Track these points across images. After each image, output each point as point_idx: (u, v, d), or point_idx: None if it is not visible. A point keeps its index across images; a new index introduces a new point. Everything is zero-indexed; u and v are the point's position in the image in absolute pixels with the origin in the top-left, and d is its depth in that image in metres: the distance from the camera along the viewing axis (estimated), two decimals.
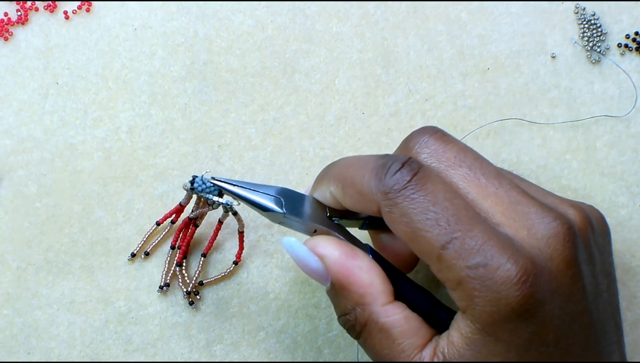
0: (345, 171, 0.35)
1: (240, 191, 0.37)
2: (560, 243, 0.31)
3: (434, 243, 0.31)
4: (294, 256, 0.36)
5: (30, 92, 0.47)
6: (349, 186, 0.34)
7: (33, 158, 0.46)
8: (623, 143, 0.47)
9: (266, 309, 0.44)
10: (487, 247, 0.30)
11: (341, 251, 0.35)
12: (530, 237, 0.31)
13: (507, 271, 0.30)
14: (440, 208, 0.31)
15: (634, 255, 0.46)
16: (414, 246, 0.32)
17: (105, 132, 0.47)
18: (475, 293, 0.30)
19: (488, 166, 0.34)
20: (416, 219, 0.31)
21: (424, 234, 0.31)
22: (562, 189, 0.47)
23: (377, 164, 0.33)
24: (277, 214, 0.37)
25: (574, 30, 0.49)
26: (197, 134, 0.47)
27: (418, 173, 0.32)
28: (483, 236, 0.31)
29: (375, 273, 0.34)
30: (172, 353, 0.43)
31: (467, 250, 0.30)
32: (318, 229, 0.37)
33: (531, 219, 0.32)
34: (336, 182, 0.36)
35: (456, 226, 0.31)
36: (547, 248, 0.31)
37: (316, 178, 0.38)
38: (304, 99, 0.48)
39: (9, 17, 0.49)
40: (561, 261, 0.31)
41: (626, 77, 0.48)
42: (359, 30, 0.49)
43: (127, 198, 0.46)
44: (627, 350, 0.44)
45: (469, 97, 0.48)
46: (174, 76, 0.48)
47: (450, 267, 0.31)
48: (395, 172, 0.32)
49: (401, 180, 0.32)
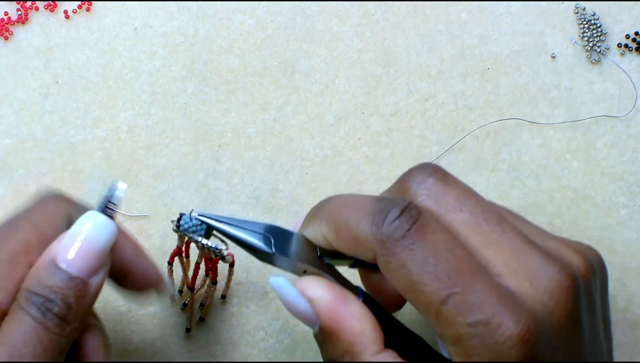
0: (340, 214, 0.33)
1: (227, 228, 0.35)
2: (563, 296, 0.30)
3: (433, 298, 0.29)
4: (282, 297, 0.34)
5: (31, 92, 0.47)
6: (344, 230, 0.32)
7: (33, 157, 0.46)
8: (623, 143, 0.47)
9: (265, 309, 0.44)
10: (488, 303, 0.29)
11: (332, 295, 0.33)
12: (533, 290, 0.30)
13: (508, 330, 0.29)
14: (441, 260, 0.30)
15: (633, 255, 0.46)
16: (411, 298, 0.30)
17: (105, 131, 0.47)
18: (474, 351, 0.29)
19: (490, 211, 0.32)
20: (415, 272, 0.30)
21: (422, 287, 0.30)
22: (562, 189, 0.47)
23: (375, 209, 0.31)
24: (265, 254, 0.35)
25: (574, 30, 0.49)
26: (197, 134, 0.47)
27: (418, 220, 0.30)
28: (484, 292, 0.29)
29: (366, 319, 0.33)
30: (172, 353, 0.43)
31: (467, 306, 0.29)
32: (308, 269, 0.35)
33: (534, 270, 0.31)
34: (329, 224, 0.33)
35: (457, 280, 0.29)
36: (550, 301, 0.30)
37: (307, 216, 0.36)
38: (304, 99, 0.48)
39: (9, 16, 0.49)
40: (563, 316, 0.30)
41: (626, 77, 0.48)
42: (359, 30, 0.49)
43: (127, 198, 0.46)
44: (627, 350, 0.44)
45: (469, 97, 0.48)
46: (174, 75, 0.48)
47: (449, 323, 0.29)
48: (394, 219, 0.30)
49: (400, 229, 0.30)
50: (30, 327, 0.31)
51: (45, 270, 0.32)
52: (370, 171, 0.47)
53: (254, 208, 0.46)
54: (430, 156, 0.47)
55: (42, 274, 0.32)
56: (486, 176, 0.47)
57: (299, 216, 0.46)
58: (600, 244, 0.46)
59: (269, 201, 0.46)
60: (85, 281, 0.33)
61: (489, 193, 0.47)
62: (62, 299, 0.32)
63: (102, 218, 0.34)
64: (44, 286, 0.32)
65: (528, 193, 0.47)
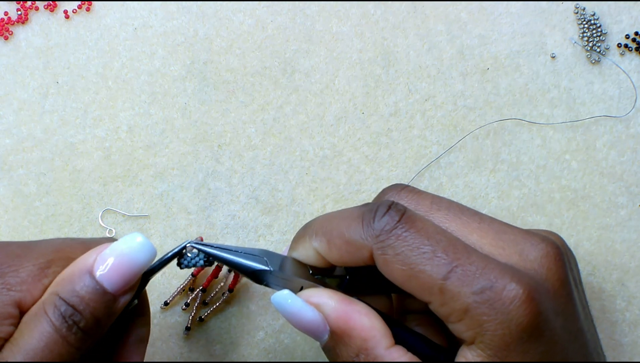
0: (329, 224, 0.34)
1: (224, 254, 0.36)
2: (552, 262, 0.32)
3: (434, 276, 0.30)
4: (288, 310, 0.34)
5: (31, 92, 0.47)
6: (336, 237, 0.33)
7: (33, 157, 0.46)
8: (623, 143, 0.47)
9: (265, 309, 0.44)
10: (488, 271, 0.30)
11: (337, 298, 0.34)
12: (523, 260, 0.32)
13: (513, 291, 0.30)
14: (435, 241, 0.31)
15: (633, 256, 0.46)
16: (412, 284, 0.31)
17: (105, 131, 0.47)
18: (485, 318, 0.30)
19: (465, 207, 0.35)
20: (412, 256, 0.31)
21: (422, 268, 0.31)
22: (562, 189, 0.47)
23: (363, 211, 0.33)
24: (263, 273, 0.35)
25: (573, 31, 0.49)
26: (197, 134, 0.47)
27: (405, 212, 0.32)
28: (482, 261, 0.30)
29: (374, 315, 0.33)
30: (172, 353, 0.43)
31: (469, 276, 0.30)
32: (305, 285, 0.35)
33: (520, 243, 0.32)
34: (320, 236, 0.34)
35: (454, 255, 0.31)
36: (542, 268, 0.31)
37: (294, 238, 0.37)
38: (303, 99, 0.48)
39: (9, 16, 0.49)
40: (556, 281, 0.32)
41: (626, 78, 0.48)
42: (358, 30, 0.49)
43: (127, 198, 0.46)
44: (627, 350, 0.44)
45: (468, 97, 0.48)
46: (173, 75, 0.48)
47: (454, 297, 0.30)
48: (383, 215, 0.32)
49: (391, 221, 0.32)
50: (52, 339, 0.30)
51: (79, 278, 0.32)
52: (370, 171, 0.47)
53: (253, 208, 0.46)
54: (430, 156, 0.47)
55: (76, 281, 0.31)
56: (486, 176, 0.47)
57: (298, 216, 0.46)
58: (599, 244, 0.46)
59: (268, 201, 0.46)
60: (117, 297, 0.32)
61: (489, 193, 0.47)
62: (90, 312, 0.31)
63: (144, 240, 0.33)
64: (76, 294, 0.31)
65: (528, 193, 0.47)
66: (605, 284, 0.45)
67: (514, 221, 0.46)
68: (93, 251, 0.32)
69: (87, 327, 0.31)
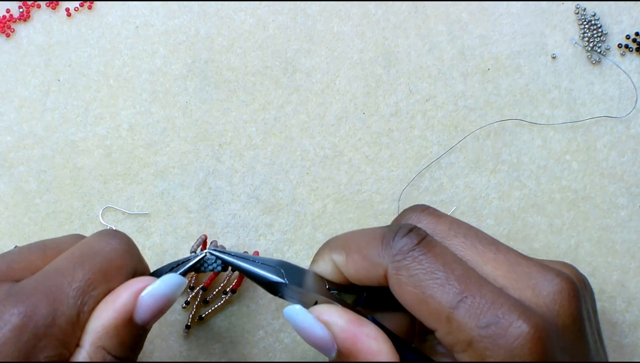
0: (350, 239, 0.35)
1: (242, 263, 0.36)
2: (565, 298, 0.31)
3: (444, 303, 0.31)
4: (299, 325, 0.34)
5: (32, 89, 0.48)
6: (355, 251, 0.34)
7: (34, 154, 0.46)
8: (623, 144, 0.47)
9: (265, 308, 0.44)
10: (497, 306, 0.30)
11: (347, 318, 0.34)
12: (536, 296, 0.31)
13: (519, 329, 0.29)
14: (450, 269, 0.31)
15: (633, 257, 0.46)
16: (421, 309, 0.31)
17: (106, 129, 0.47)
18: (487, 353, 0.30)
19: (483, 234, 0.34)
20: (424, 279, 0.31)
21: (432, 294, 0.31)
22: (563, 190, 0.47)
23: (384, 231, 0.33)
24: (278, 285, 0.35)
25: (574, 31, 0.50)
26: (197, 133, 0.47)
27: (425, 237, 0.33)
28: (493, 295, 0.30)
29: (382, 340, 0.33)
30: (171, 351, 0.43)
31: (478, 309, 0.30)
32: (319, 300, 0.35)
33: (534, 278, 0.32)
34: (340, 250, 0.35)
35: (466, 285, 0.31)
36: (554, 305, 0.31)
37: (317, 252, 0.37)
38: (304, 99, 0.48)
39: (11, 13, 0.49)
40: (568, 317, 0.31)
41: (626, 78, 0.48)
42: (359, 30, 0.49)
43: (127, 196, 0.46)
44: (627, 351, 0.44)
45: (469, 98, 0.48)
46: (175, 74, 0.48)
47: (460, 327, 0.30)
48: (403, 236, 0.33)
49: (409, 243, 0.32)
50: None
51: (124, 329, 0.32)
52: (371, 171, 0.47)
53: (254, 207, 0.46)
54: (431, 156, 0.47)
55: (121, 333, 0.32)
56: (486, 177, 0.47)
57: (299, 215, 0.46)
58: (600, 245, 0.46)
59: (269, 200, 0.46)
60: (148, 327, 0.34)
61: (489, 193, 0.47)
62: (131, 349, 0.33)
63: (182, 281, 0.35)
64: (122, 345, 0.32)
65: (528, 194, 0.47)
66: (606, 285, 0.45)
67: (514, 221, 0.46)
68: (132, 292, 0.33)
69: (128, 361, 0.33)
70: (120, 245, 0.35)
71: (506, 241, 0.46)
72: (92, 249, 0.34)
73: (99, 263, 0.33)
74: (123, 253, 0.34)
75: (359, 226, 0.46)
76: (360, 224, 0.46)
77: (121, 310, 0.32)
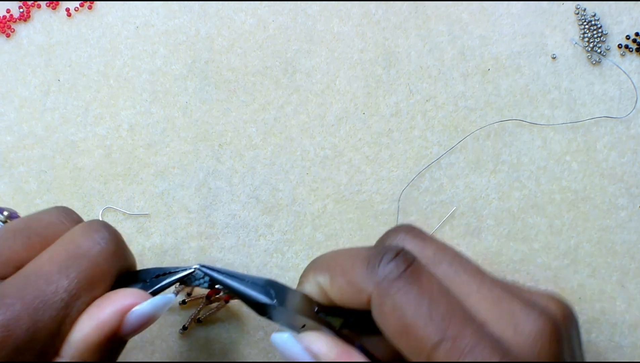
0: (335, 260, 0.34)
1: (230, 281, 0.35)
2: (547, 340, 0.31)
3: (425, 341, 0.30)
4: (287, 354, 0.34)
5: (32, 89, 0.48)
6: (339, 274, 0.33)
7: (34, 154, 0.46)
8: (623, 144, 0.47)
9: None
10: (478, 349, 0.29)
11: (337, 351, 0.33)
12: (517, 335, 0.31)
13: None
14: (435, 304, 0.30)
15: (633, 257, 0.46)
16: (402, 342, 0.31)
17: (106, 129, 0.47)
18: None
19: (468, 263, 0.33)
20: (408, 313, 0.30)
21: (416, 330, 0.30)
22: (563, 190, 0.47)
23: (370, 253, 0.32)
24: (267, 306, 0.34)
25: (574, 31, 0.50)
26: (197, 133, 0.47)
27: (413, 263, 0.31)
28: (475, 338, 0.30)
29: None
30: (171, 351, 0.43)
31: (459, 350, 0.29)
32: (307, 324, 0.34)
33: (516, 316, 0.31)
34: (324, 271, 0.34)
35: (449, 323, 0.30)
36: (534, 346, 0.31)
37: (302, 272, 0.36)
38: (304, 99, 0.48)
39: (11, 13, 0.49)
40: (548, 359, 0.31)
41: (626, 78, 0.48)
42: (360, 30, 0.49)
43: (127, 196, 0.46)
44: (627, 352, 0.44)
45: (469, 98, 0.48)
46: (175, 74, 0.48)
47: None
48: (390, 261, 0.31)
49: (396, 270, 0.31)
50: None
51: (105, 343, 0.32)
52: (371, 171, 0.47)
53: (254, 207, 0.46)
54: (431, 156, 0.47)
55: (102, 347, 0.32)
56: (486, 177, 0.47)
57: (299, 216, 0.46)
58: (599, 245, 0.46)
59: (269, 200, 0.46)
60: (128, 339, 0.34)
61: (489, 193, 0.47)
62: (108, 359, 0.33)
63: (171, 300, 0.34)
64: (101, 356, 0.32)
65: (528, 194, 0.47)
66: (605, 285, 0.45)
67: (514, 222, 0.46)
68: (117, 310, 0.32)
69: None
70: (107, 244, 0.33)
71: (506, 242, 0.46)
72: (78, 250, 0.32)
73: (85, 270, 0.32)
74: (110, 256, 0.33)
75: (359, 226, 0.46)
76: (360, 225, 0.46)
77: (104, 327, 0.32)
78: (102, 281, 0.33)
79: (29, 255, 0.33)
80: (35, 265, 0.32)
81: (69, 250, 0.32)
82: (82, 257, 0.32)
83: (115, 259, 0.34)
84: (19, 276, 0.31)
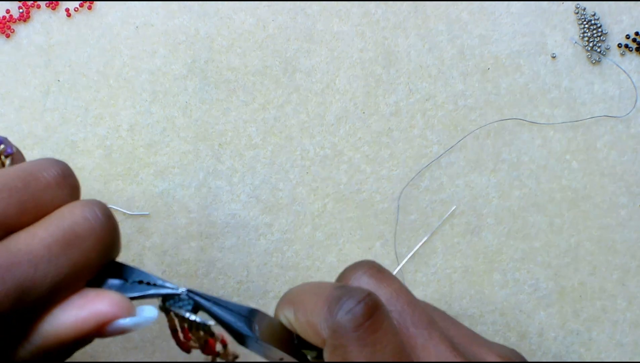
0: (300, 296, 0.32)
1: (214, 309, 0.34)
2: None
3: None
4: None
5: (32, 90, 0.48)
6: (301, 312, 0.31)
7: (34, 154, 0.46)
8: (623, 143, 0.47)
9: (266, 308, 0.44)
10: None
11: None
12: None
13: None
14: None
15: (633, 256, 0.46)
16: None
17: (106, 130, 0.47)
18: None
19: (420, 313, 0.32)
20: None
21: None
22: (562, 189, 0.47)
23: (332, 295, 0.30)
24: (245, 337, 0.33)
25: (574, 31, 0.50)
26: (197, 133, 0.47)
27: (374, 314, 0.29)
28: None
29: None
30: (171, 351, 0.43)
31: None
32: (285, 358, 0.33)
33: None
34: (290, 307, 0.33)
35: None
36: None
37: (278, 301, 0.35)
38: (304, 98, 0.48)
39: (11, 14, 0.49)
40: None
41: (626, 78, 0.49)
42: (359, 29, 0.49)
43: (127, 196, 0.46)
44: (628, 350, 0.44)
45: (469, 97, 0.48)
46: (175, 74, 0.48)
47: None
48: (349, 310, 0.29)
49: (352, 321, 0.29)
50: None
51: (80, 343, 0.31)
52: (371, 170, 0.47)
53: (254, 207, 0.46)
54: (431, 155, 0.47)
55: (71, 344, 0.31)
56: (486, 176, 0.47)
57: (299, 215, 0.46)
58: (600, 244, 0.46)
59: (269, 200, 0.46)
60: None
61: (489, 192, 0.47)
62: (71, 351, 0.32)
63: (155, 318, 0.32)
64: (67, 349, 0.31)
65: (528, 193, 0.47)
66: (606, 284, 0.45)
67: (514, 220, 0.46)
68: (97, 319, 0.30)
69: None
70: (103, 232, 0.31)
71: (506, 241, 0.46)
72: (73, 236, 0.30)
73: (76, 261, 0.30)
74: (105, 248, 0.31)
75: (359, 226, 0.46)
76: (360, 224, 0.46)
77: (80, 329, 0.30)
78: (89, 274, 0.31)
79: (20, 220, 0.30)
80: (25, 242, 0.30)
81: (65, 233, 0.30)
82: (76, 247, 0.30)
83: (109, 251, 0.32)
84: (5, 250, 0.29)
